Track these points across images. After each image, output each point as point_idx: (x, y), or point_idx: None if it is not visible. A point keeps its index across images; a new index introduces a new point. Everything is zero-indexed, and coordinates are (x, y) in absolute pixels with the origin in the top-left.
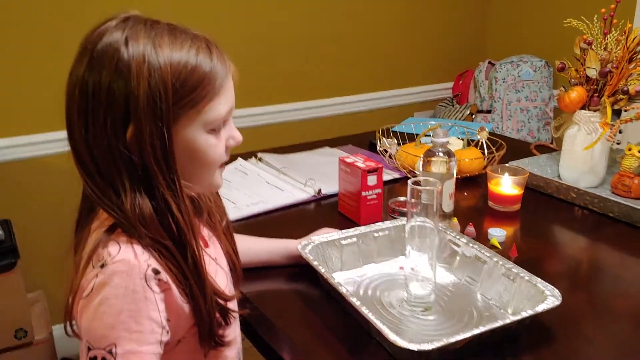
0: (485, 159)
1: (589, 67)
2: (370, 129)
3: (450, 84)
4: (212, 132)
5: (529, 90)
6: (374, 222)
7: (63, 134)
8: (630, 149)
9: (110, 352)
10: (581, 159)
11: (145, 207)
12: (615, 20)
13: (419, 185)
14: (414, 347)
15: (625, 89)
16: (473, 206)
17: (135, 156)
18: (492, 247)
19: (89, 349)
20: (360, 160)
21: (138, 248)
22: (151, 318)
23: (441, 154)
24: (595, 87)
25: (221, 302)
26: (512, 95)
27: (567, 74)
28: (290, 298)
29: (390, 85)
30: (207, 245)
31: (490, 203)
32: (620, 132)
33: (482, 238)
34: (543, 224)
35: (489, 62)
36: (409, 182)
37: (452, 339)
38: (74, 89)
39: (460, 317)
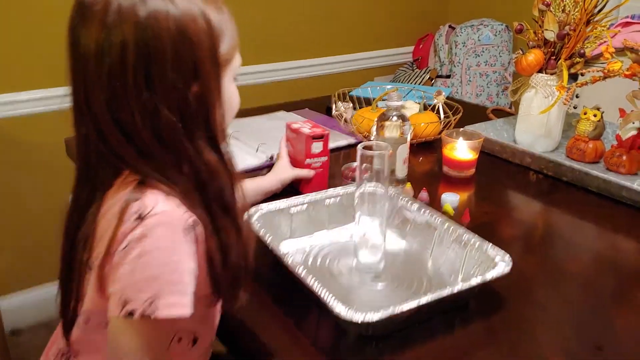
0: (442, 123)
1: (547, 30)
2: (329, 94)
3: (411, 48)
4: (234, 80)
5: (489, 55)
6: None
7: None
8: (585, 113)
9: (150, 304)
10: (537, 123)
11: (212, 160)
12: None
13: (370, 150)
14: (358, 317)
15: (582, 52)
16: (428, 171)
17: (201, 112)
18: (445, 212)
19: (125, 302)
20: (307, 126)
21: (175, 201)
22: (190, 270)
23: (395, 118)
24: (553, 50)
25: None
26: (471, 59)
27: (525, 37)
28: None
29: (350, 49)
30: None
31: (444, 168)
32: (577, 96)
33: (435, 203)
34: (497, 188)
35: (450, 26)
36: (359, 147)
37: (397, 309)
38: (120, 57)
39: (409, 285)
